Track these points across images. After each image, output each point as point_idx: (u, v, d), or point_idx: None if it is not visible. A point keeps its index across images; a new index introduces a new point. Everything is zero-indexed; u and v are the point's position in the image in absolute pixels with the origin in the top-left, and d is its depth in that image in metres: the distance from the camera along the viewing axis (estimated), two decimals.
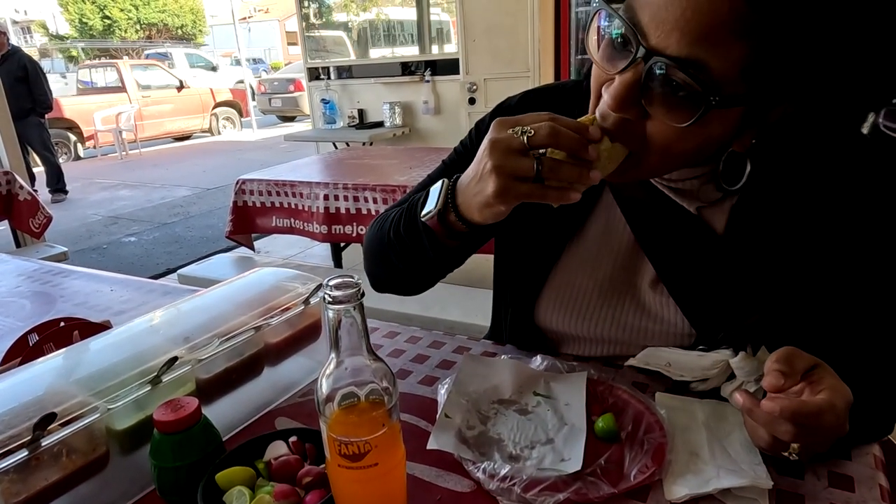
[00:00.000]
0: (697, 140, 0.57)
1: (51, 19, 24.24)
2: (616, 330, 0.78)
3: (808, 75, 0.54)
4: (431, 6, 4.42)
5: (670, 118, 0.55)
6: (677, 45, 0.52)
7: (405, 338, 0.93)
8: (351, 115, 4.36)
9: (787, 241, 0.67)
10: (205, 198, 6.42)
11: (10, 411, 0.54)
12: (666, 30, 0.52)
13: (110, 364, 0.64)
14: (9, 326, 1.09)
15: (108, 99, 10.00)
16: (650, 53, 0.53)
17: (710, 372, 0.67)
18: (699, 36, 0.51)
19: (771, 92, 0.54)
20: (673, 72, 0.52)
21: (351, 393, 0.48)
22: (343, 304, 0.44)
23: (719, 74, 0.52)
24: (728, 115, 0.55)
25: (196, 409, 0.57)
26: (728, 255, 0.70)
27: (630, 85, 0.55)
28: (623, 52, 0.56)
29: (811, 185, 0.67)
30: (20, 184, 2.95)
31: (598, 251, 0.78)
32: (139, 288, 1.26)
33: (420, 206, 0.70)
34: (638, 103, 0.56)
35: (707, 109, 0.53)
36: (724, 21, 0.50)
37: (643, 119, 0.57)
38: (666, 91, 0.54)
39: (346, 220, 2.35)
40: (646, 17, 0.54)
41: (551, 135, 0.56)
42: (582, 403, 0.70)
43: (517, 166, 0.57)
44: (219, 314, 0.75)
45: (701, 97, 0.52)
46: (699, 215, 0.71)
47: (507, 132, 0.58)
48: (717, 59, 0.51)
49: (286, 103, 11.75)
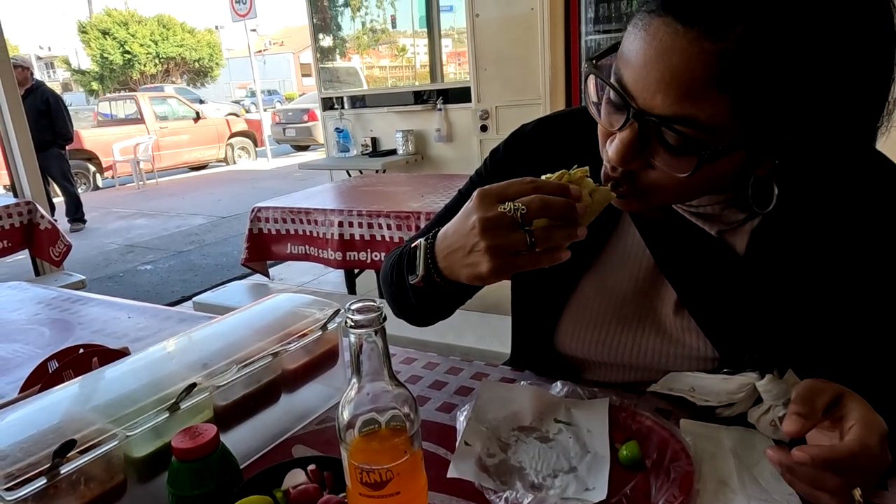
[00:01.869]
0: (706, 179, 0.58)
1: (73, 55, 25.04)
2: (637, 355, 0.76)
3: (800, 106, 0.52)
4: (443, 37, 4.51)
5: (671, 169, 0.56)
6: (663, 105, 0.53)
7: (422, 364, 0.92)
8: (364, 143, 4.42)
9: (810, 261, 0.66)
10: (220, 226, 6.49)
11: (28, 438, 0.53)
12: (650, 92, 0.53)
13: (128, 391, 0.64)
14: (28, 353, 1.10)
15: (127, 130, 10.24)
16: (640, 114, 0.55)
17: (736, 396, 0.65)
18: (681, 95, 0.51)
19: (767, 129, 0.53)
20: (665, 130, 0.54)
21: (372, 419, 0.47)
22: (365, 329, 0.44)
23: (710, 125, 0.52)
24: (731, 157, 0.55)
25: (214, 436, 0.57)
26: (750, 277, 0.69)
27: (628, 142, 0.57)
28: (618, 110, 0.58)
29: (833, 206, 0.66)
30: (41, 213, 3.00)
31: (617, 275, 0.77)
32: (156, 315, 1.27)
33: (407, 265, 0.71)
34: (639, 156, 0.58)
35: (703, 161, 0.53)
36: (701, 78, 0.50)
37: (648, 167, 0.58)
38: (663, 146, 0.55)
39: (361, 247, 2.36)
40: (630, 81, 0.55)
41: (543, 208, 0.57)
42: (605, 430, 0.69)
43: (511, 243, 0.58)
44: (236, 340, 0.75)
45: (696, 148, 0.53)
46: (720, 238, 0.70)
47: (496, 210, 0.58)
48: (705, 112, 0.51)
49: (300, 133, 11.95)
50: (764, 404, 0.64)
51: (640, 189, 0.61)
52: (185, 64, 21.98)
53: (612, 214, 0.74)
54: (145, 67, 20.79)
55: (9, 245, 2.92)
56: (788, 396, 0.61)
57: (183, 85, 13.51)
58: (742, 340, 0.70)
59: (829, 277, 0.66)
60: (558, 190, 0.58)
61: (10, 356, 1.09)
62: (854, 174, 0.66)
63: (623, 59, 0.57)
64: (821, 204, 0.66)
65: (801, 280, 0.67)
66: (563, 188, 0.59)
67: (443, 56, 4.58)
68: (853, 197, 0.65)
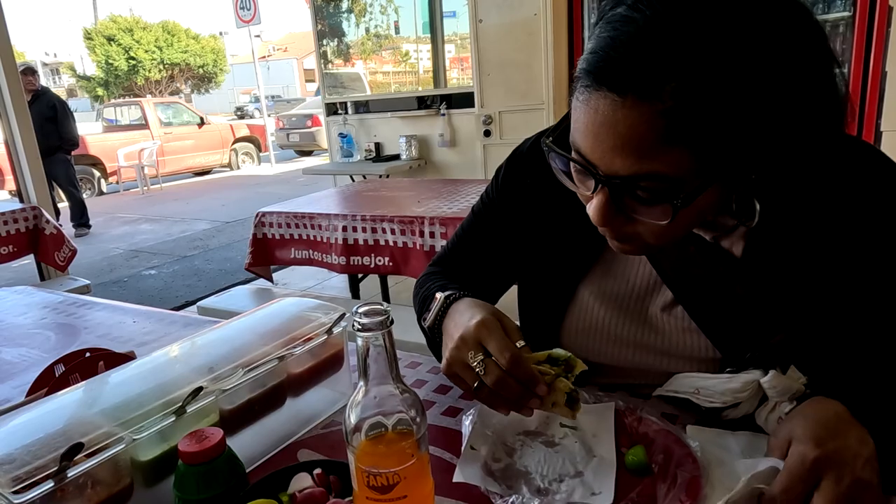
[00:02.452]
0: (690, 218, 0.59)
1: (78, 61, 25.20)
2: (639, 358, 0.77)
3: (754, 129, 0.52)
4: (446, 42, 4.52)
5: (652, 219, 0.57)
6: (623, 167, 0.54)
7: (427, 368, 0.92)
8: (368, 148, 4.43)
9: (807, 259, 0.67)
10: (224, 231, 6.51)
11: (36, 442, 0.54)
12: (608, 159, 0.55)
13: (135, 395, 0.64)
14: (34, 358, 1.10)
15: (132, 136, 10.29)
16: (606, 179, 0.56)
17: (741, 395, 0.65)
18: (638, 157, 0.53)
19: (730, 160, 0.53)
20: (633, 187, 0.55)
21: (379, 423, 0.47)
22: (372, 332, 0.44)
23: (674, 175, 0.53)
24: (706, 194, 0.55)
25: (221, 439, 0.57)
26: (748, 277, 0.69)
27: (604, 205, 0.58)
28: (586, 176, 0.59)
29: (824, 202, 0.66)
30: (46, 218, 3.02)
31: (615, 281, 0.78)
32: (161, 319, 1.27)
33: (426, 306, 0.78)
34: (619, 213, 0.59)
35: (678, 208, 0.54)
36: (650, 138, 0.51)
37: (632, 221, 0.59)
38: (637, 201, 0.56)
39: (365, 251, 2.36)
40: (588, 152, 0.57)
41: (497, 383, 0.61)
42: (611, 435, 0.68)
43: (462, 377, 0.65)
44: (242, 344, 0.75)
45: (668, 198, 0.54)
46: (716, 242, 0.71)
47: (467, 351, 0.64)
48: (665, 165, 0.52)
49: (304, 138, 11.99)
50: (770, 402, 0.64)
51: (631, 238, 0.62)
52: (189, 70, 22.08)
53: None
54: (150, 73, 20.89)
55: (14, 250, 2.93)
56: (793, 392, 0.62)
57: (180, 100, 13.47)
58: (743, 340, 0.70)
59: (826, 274, 0.66)
60: (527, 378, 0.61)
61: (17, 360, 1.10)
62: (839, 170, 0.66)
63: (576, 131, 0.58)
64: (812, 201, 0.66)
65: (799, 278, 0.67)
66: (534, 380, 0.61)
67: (446, 62, 4.60)
68: (842, 191, 0.66)
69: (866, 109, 2.84)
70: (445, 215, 2.20)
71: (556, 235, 0.81)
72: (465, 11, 3.89)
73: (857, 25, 2.79)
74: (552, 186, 0.76)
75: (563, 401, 0.61)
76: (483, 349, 0.63)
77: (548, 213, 0.81)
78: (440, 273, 0.91)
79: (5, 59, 3.10)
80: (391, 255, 2.32)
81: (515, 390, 0.61)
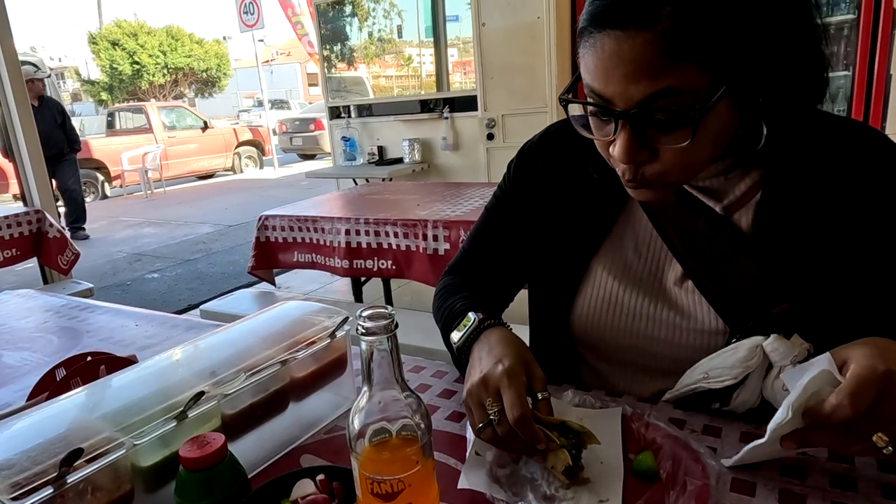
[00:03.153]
0: (708, 141, 0.62)
1: (83, 65, 25.32)
2: (650, 330, 0.78)
3: (751, 37, 0.57)
4: (449, 46, 4.53)
5: (675, 143, 0.60)
6: (637, 92, 0.58)
7: (431, 372, 0.91)
8: (371, 151, 4.43)
9: (813, 231, 0.69)
10: (227, 234, 6.52)
11: (35, 447, 0.53)
12: (622, 89, 0.59)
13: (136, 399, 0.63)
14: (36, 361, 1.10)
15: (136, 140, 10.33)
16: (625, 113, 0.60)
17: (750, 363, 0.66)
18: (650, 78, 0.57)
19: (735, 69, 0.58)
20: (651, 112, 0.59)
21: (383, 428, 0.46)
22: (376, 336, 0.43)
23: (686, 88, 0.57)
24: (719, 111, 0.59)
25: (222, 445, 0.56)
26: (756, 251, 0.71)
27: (627, 139, 0.62)
28: (605, 121, 0.64)
29: (828, 175, 0.69)
30: (50, 221, 3.02)
31: (627, 255, 0.80)
32: (163, 323, 1.27)
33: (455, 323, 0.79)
34: (643, 147, 0.62)
35: (698, 119, 0.57)
36: (657, 59, 0.56)
37: (655, 155, 0.63)
38: (658, 130, 0.60)
39: (368, 255, 2.36)
40: (600, 87, 0.61)
41: (505, 434, 0.61)
42: (618, 441, 0.67)
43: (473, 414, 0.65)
44: (244, 348, 0.74)
45: (686, 114, 0.58)
46: (726, 216, 0.72)
47: (486, 397, 0.63)
48: (677, 80, 0.56)
49: (307, 142, 12.01)
50: (774, 369, 0.65)
51: (657, 177, 0.64)
52: (193, 74, 22.14)
53: (619, 196, 0.78)
54: (154, 78, 20.95)
55: (17, 253, 2.94)
56: (795, 354, 0.63)
57: (184, 104, 13.46)
58: (749, 312, 0.71)
59: (832, 245, 0.68)
60: (528, 438, 0.61)
61: (18, 364, 1.09)
62: (842, 143, 0.70)
63: (588, 77, 0.62)
64: (817, 175, 0.69)
65: (806, 250, 0.69)
66: (535, 440, 0.61)
67: (449, 66, 4.60)
68: (846, 163, 0.69)
69: (871, 112, 2.82)
70: (448, 218, 2.19)
71: (567, 214, 0.83)
72: (467, 16, 3.89)
73: (862, 28, 2.77)
74: (562, 168, 0.84)
75: (561, 469, 0.61)
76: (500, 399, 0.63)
77: (559, 193, 0.84)
78: (460, 283, 0.91)
79: (9, 64, 3.11)
80: (394, 259, 2.31)
81: (518, 445, 0.62)
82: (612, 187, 0.75)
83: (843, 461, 0.62)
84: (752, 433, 0.69)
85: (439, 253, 2.19)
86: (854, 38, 2.82)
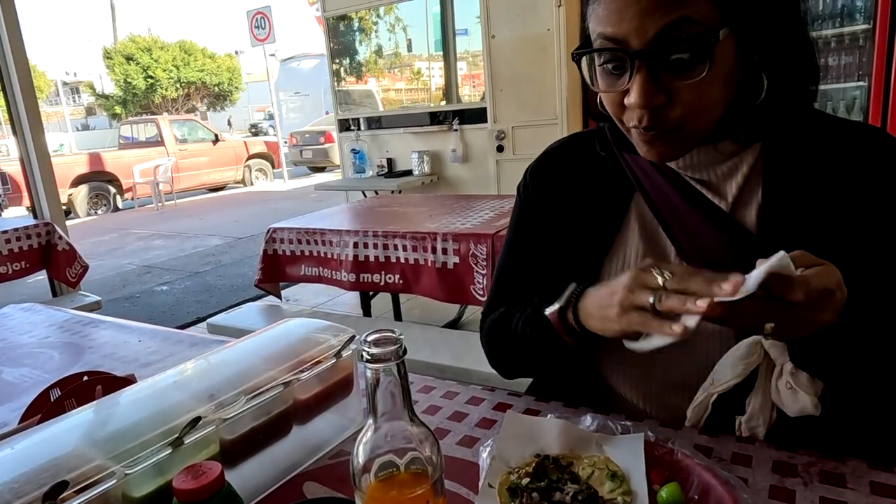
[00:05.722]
0: (719, 80, 0.63)
1: (97, 80, 25.71)
2: None
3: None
4: (459, 59, 4.52)
5: (690, 78, 0.61)
6: (653, 25, 0.59)
7: (441, 392, 0.87)
8: (380, 164, 4.42)
9: (819, 229, 0.68)
10: (236, 247, 6.52)
11: (20, 477, 0.50)
12: (637, 25, 0.60)
13: (130, 423, 0.60)
14: (35, 378, 1.07)
15: (148, 153, 10.41)
16: (640, 52, 0.61)
17: (751, 360, 0.67)
18: (662, 9, 0.58)
19: (741, 8, 0.60)
20: (666, 48, 0.60)
21: (390, 462, 0.42)
22: (383, 363, 0.40)
23: (698, 19, 0.58)
24: (727, 47, 0.61)
25: (219, 475, 0.52)
26: (762, 249, 0.68)
27: (644, 81, 0.62)
28: (620, 69, 0.64)
29: (832, 173, 0.69)
30: (59, 234, 3.02)
31: (638, 254, 0.79)
32: (167, 339, 1.24)
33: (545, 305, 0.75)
34: (660, 90, 0.62)
35: (711, 47, 0.59)
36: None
37: (670, 100, 0.63)
38: (672, 70, 0.61)
39: (375, 269, 2.32)
40: (615, 32, 0.61)
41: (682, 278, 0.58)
42: (641, 470, 0.63)
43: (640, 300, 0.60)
44: (246, 368, 0.71)
45: (700, 42, 0.59)
46: (731, 216, 0.72)
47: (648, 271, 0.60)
48: (689, 9, 0.58)
49: (317, 154, 12.06)
50: (777, 369, 0.65)
51: (673, 126, 0.65)
52: (205, 88, 22.37)
53: (625, 195, 0.80)
54: (167, 92, 21.19)
55: (27, 266, 2.94)
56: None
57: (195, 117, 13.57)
58: None
59: (837, 243, 0.66)
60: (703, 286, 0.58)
61: (17, 381, 1.06)
62: (847, 141, 0.71)
63: (599, 24, 0.63)
64: (818, 173, 0.69)
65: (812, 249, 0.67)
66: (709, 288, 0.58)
67: (458, 78, 4.59)
68: (851, 160, 0.69)
69: (888, 122, 2.77)
70: (458, 231, 2.16)
71: (577, 218, 0.84)
72: (477, 29, 3.89)
73: (878, 38, 2.73)
74: (568, 178, 0.86)
75: None
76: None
77: (568, 201, 0.85)
78: (504, 311, 0.87)
79: (22, 79, 3.13)
80: (402, 273, 2.28)
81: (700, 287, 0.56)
82: (617, 188, 0.79)
83: None
84: (784, 462, 0.65)
85: (448, 267, 2.15)
86: (869, 48, 2.78)
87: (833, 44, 2.91)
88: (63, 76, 28.67)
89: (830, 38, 2.90)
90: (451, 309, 3.34)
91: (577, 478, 0.62)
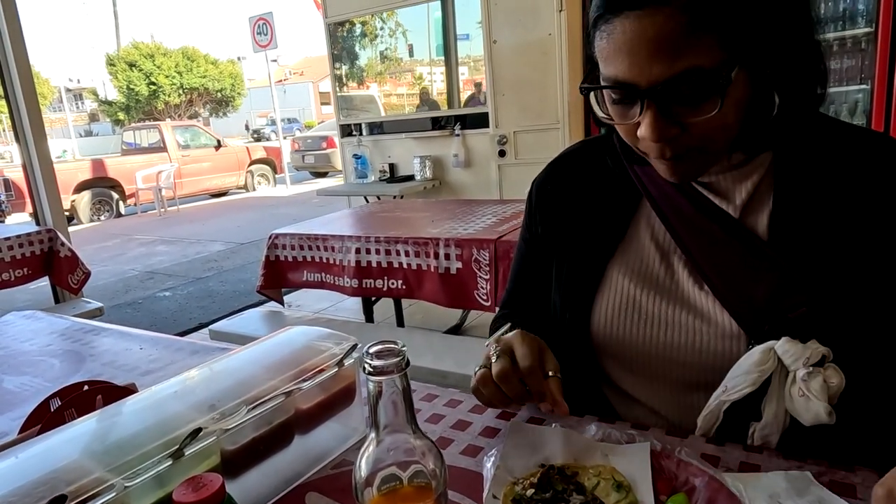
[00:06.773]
0: (732, 109, 0.62)
1: (101, 86, 25.83)
2: (670, 332, 0.75)
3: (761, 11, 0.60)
4: (460, 64, 4.53)
5: (703, 114, 0.61)
6: (661, 71, 0.59)
7: (444, 401, 0.86)
8: (382, 169, 4.42)
9: (830, 236, 0.68)
10: (238, 252, 6.52)
11: (16, 491, 0.49)
12: (645, 69, 0.59)
13: (130, 435, 0.59)
14: (36, 387, 1.06)
15: (150, 158, 10.44)
16: (649, 91, 0.60)
17: (765, 367, 0.66)
18: (671, 55, 0.58)
19: (748, 40, 0.59)
20: (675, 87, 0.59)
21: (393, 475, 0.42)
22: (385, 376, 0.39)
23: (711, 63, 0.58)
24: (739, 79, 0.60)
25: (220, 487, 0.52)
26: (772, 256, 0.70)
27: (654, 118, 0.62)
28: (629, 105, 0.64)
29: (843, 179, 0.68)
30: (61, 240, 3.02)
31: (643, 259, 0.79)
32: (168, 346, 1.23)
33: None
34: (672, 123, 0.63)
35: (721, 93, 0.59)
36: (679, 34, 0.57)
37: (684, 129, 0.63)
38: (683, 102, 0.61)
39: (377, 274, 2.32)
40: (625, 74, 0.61)
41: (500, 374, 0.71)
42: (648, 480, 0.62)
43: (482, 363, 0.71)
44: (247, 378, 0.70)
45: (710, 86, 0.59)
46: (740, 222, 0.72)
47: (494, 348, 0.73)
48: (699, 56, 0.58)
49: (319, 160, 12.09)
50: (790, 376, 0.64)
51: (686, 152, 0.65)
52: (208, 94, 22.45)
53: (632, 201, 0.80)
54: (170, 98, 21.28)
55: (29, 272, 2.94)
56: (807, 356, 0.63)
57: (198, 123, 13.60)
58: (766, 317, 0.69)
59: (849, 250, 0.67)
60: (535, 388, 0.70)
61: (18, 390, 1.06)
62: (858, 148, 0.70)
63: (608, 64, 0.63)
64: (829, 179, 0.69)
65: (822, 255, 0.68)
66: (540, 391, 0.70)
67: (460, 83, 4.60)
68: (859, 169, 0.68)
69: (891, 125, 2.76)
70: (461, 236, 2.15)
71: (582, 224, 0.84)
72: (478, 34, 3.90)
73: (880, 42, 2.72)
74: (573, 186, 0.87)
75: None
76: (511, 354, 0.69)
77: (574, 208, 0.86)
78: (509, 314, 0.93)
79: (25, 85, 3.14)
80: (404, 278, 2.27)
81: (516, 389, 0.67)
82: (624, 195, 0.79)
83: None
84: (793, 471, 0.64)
85: (451, 272, 2.15)
86: (872, 52, 2.77)
87: (835, 47, 2.90)
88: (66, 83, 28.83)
89: (833, 42, 2.89)
90: (454, 314, 3.33)
91: (582, 488, 0.61)
